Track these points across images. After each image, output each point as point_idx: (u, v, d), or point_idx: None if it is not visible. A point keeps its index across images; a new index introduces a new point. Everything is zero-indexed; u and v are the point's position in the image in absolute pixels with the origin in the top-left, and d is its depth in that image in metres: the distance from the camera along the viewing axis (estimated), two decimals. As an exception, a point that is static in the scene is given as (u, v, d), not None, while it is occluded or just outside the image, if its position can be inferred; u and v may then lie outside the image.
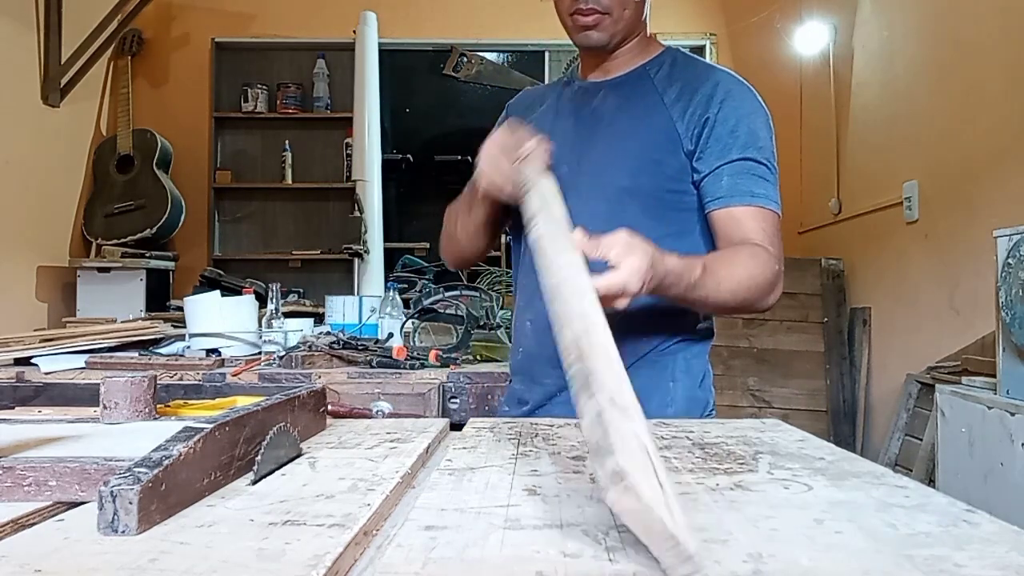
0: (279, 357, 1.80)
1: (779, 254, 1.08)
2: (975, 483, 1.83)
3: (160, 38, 4.29)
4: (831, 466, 0.66)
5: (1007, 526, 0.48)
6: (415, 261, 3.56)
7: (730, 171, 1.08)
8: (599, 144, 1.17)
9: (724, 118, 1.09)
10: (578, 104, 1.23)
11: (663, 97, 1.14)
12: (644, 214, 1.11)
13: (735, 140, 1.09)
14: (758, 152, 1.09)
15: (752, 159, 1.09)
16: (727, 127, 1.09)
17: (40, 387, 0.99)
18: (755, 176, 1.09)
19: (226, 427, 0.60)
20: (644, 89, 1.17)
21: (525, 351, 1.23)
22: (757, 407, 3.38)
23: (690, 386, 1.14)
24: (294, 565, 0.41)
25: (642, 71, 1.19)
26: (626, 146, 1.14)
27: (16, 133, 3.36)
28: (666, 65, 1.18)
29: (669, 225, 1.12)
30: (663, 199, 1.12)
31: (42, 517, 0.52)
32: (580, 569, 0.41)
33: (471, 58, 4.27)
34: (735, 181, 1.08)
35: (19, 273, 3.42)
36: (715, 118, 1.09)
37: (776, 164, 1.12)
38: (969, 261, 2.51)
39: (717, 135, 1.09)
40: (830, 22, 3.70)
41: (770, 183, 1.10)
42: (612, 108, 1.18)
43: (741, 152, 1.09)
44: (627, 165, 1.13)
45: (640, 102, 1.16)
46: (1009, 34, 2.34)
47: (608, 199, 1.13)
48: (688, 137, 1.10)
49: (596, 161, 1.16)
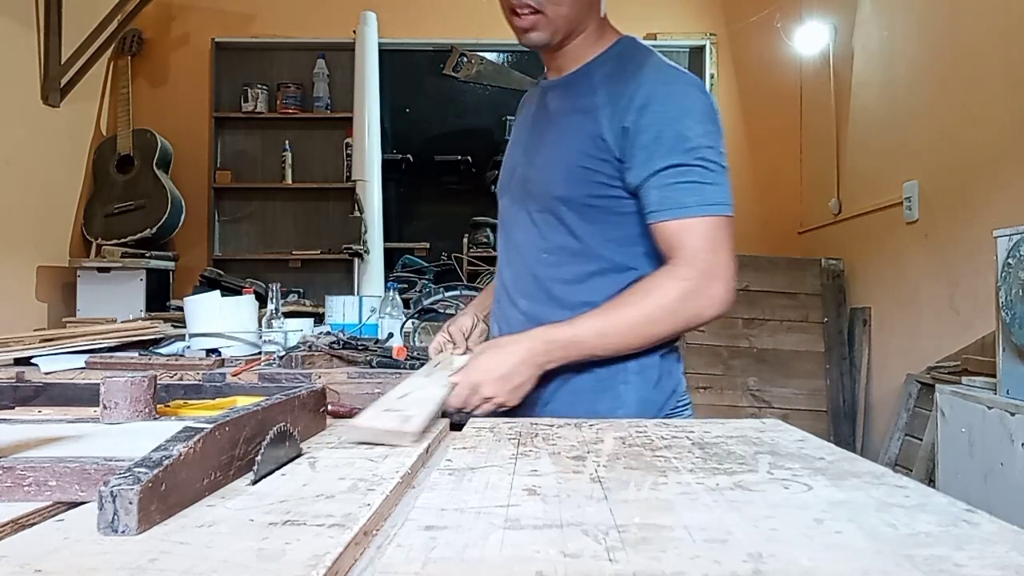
0: (279, 357, 1.80)
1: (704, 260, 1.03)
2: (975, 483, 1.83)
3: (160, 38, 4.29)
4: (831, 466, 0.66)
5: (1007, 526, 0.48)
6: (415, 261, 3.57)
7: (657, 183, 1.04)
8: (542, 149, 1.17)
9: (646, 126, 1.04)
10: (537, 105, 1.24)
11: (595, 98, 1.11)
12: (582, 221, 1.11)
13: (659, 147, 1.04)
14: (687, 155, 1.03)
15: (680, 164, 1.03)
16: (650, 135, 1.04)
17: (40, 387, 0.99)
18: (685, 183, 1.03)
19: (226, 427, 0.60)
20: (585, 89, 1.14)
21: None
22: (757, 407, 3.38)
23: (642, 387, 1.12)
24: (294, 565, 0.41)
25: (587, 69, 1.16)
26: (560, 154, 1.12)
27: (16, 133, 3.36)
28: (611, 62, 1.15)
29: (610, 230, 1.11)
30: (599, 206, 1.10)
31: (42, 517, 0.52)
32: (580, 569, 0.41)
33: (471, 58, 4.27)
34: (663, 194, 1.04)
35: (19, 273, 3.42)
36: (635, 127, 1.05)
37: (717, 157, 1.06)
38: (969, 261, 2.51)
39: (641, 144, 1.05)
40: (830, 22, 3.70)
41: (707, 184, 1.04)
42: (556, 110, 1.17)
43: (666, 159, 1.03)
44: (560, 174, 1.11)
45: (576, 104, 1.14)
46: (1009, 34, 2.34)
47: (546, 207, 1.14)
48: (614, 144, 1.07)
49: (538, 167, 1.16)
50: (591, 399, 1.11)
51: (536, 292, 1.16)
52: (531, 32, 1.12)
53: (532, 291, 1.17)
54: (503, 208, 1.26)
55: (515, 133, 1.31)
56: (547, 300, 1.14)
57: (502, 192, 1.27)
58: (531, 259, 1.17)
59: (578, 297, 1.12)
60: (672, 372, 1.16)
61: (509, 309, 1.21)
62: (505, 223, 1.25)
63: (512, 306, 1.20)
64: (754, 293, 3.45)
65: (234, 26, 4.29)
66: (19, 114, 3.40)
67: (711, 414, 3.36)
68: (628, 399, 1.11)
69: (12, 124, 3.33)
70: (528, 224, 1.17)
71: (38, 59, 3.52)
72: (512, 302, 1.20)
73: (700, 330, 2.96)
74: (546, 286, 1.15)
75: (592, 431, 0.83)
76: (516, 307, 1.19)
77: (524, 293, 1.18)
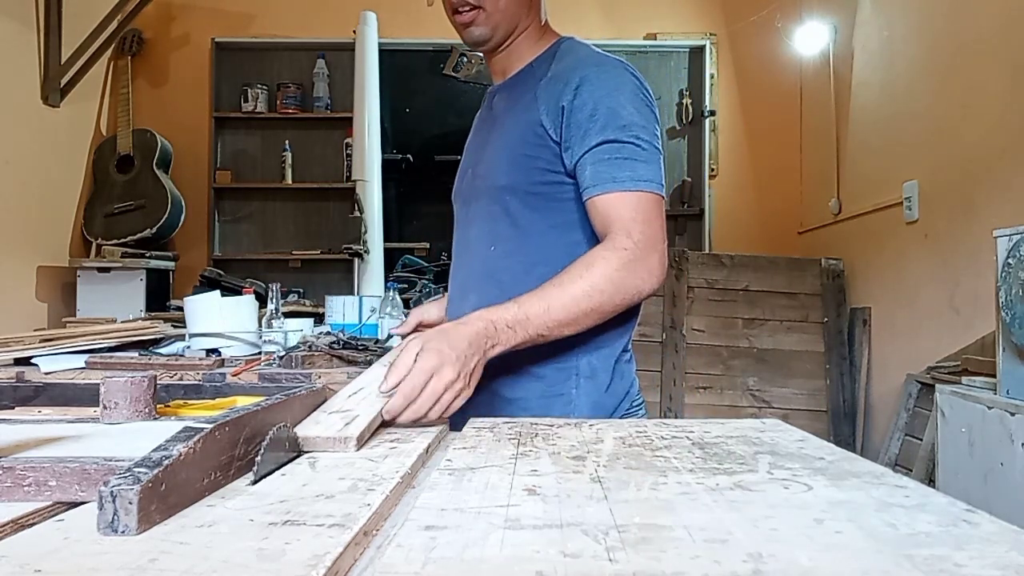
0: (279, 357, 1.80)
1: (639, 233, 1.03)
2: (975, 483, 1.83)
3: (160, 38, 4.29)
4: (831, 466, 0.66)
5: (1007, 526, 0.48)
6: (415, 261, 3.57)
7: (592, 159, 1.06)
8: (488, 148, 1.19)
9: (581, 104, 1.07)
10: (485, 109, 1.28)
11: (536, 91, 1.13)
12: (525, 209, 1.13)
13: (593, 123, 1.06)
14: (620, 131, 1.05)
15: (613, 140, 1.05)
16: (585, 112, 1.06)
17: (40, 387, 0.99)
18: (618, 159, 1.05)
19: (226, 427, 0.60)
20: (527, 87, 1.16)
21: None
22: (757, 407, 3.39)
23: (593, 391, 1.12)
24: (294, 565, 0.41)
25: (529, 68, 1.19)
26: (503, 145, 1.15)
27: (16, 133, 3.36)
28: (551, 59, 1.17)
29: (552, 216, 1.13)
30: (541, 193, 1.12)
31: (42, 517, 0.52)
32: (580, 569, 0.41)
33: (471, 58, 4.27)
34: (597, 169, 1.05)
35: (19, 273, 3.42)
36: (571, 105, 1.07)
37: (650, 138, 1.08)
38: (969, 261, 2.51)
39: (577, 122, 1.07)
40: (830, 22, 3.70)
41: (639, 161, 1.05)
42: (502, 111, 1.20)
43: (600, 135, 1.05)
44: (503, 164, 1.14)
45: (520, 99, 1.16)
46: (1009, 34, 2.34)
47: (492, 200, 1.15)
48: (553, 128, 1.09)
49: (485, 163, 1.18)
50: (543, 404, 1.12)
51: (485, 285, 1.16)
52: (472, 27, 1.15)
53: (481, 285, 1.17)
54: (457, 212, 1.29)
55: (467, 143, 1.34)
56: (497, 293, 1.11)
57: (456, 198, 1.30)
58: (481, 254, 1.19)
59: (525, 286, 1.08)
60: (624, 374, 1.16)
61: (460, 305, 1.20)
62: (460, 225, 1.27)
63: (463, 301, 1.19)
64: (754, 293, 3.45)
65: (234, 26, 4.29)
66: (19, 114, 3.40)
67: (711, 414, 3.36)
68: (580, 403, 1.11)
69: (12, 124, 3.33)
70: (478, 220, 1.20)
71: (38, 59, 3.52)
72: (463, 298, 1.20)
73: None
74: (496, 278, 1.15)
75: (592, 431, 0.83)
76: (467, 302, 1.18)
77: (474, 288, 1.19)
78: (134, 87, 4.10)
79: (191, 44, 4.30)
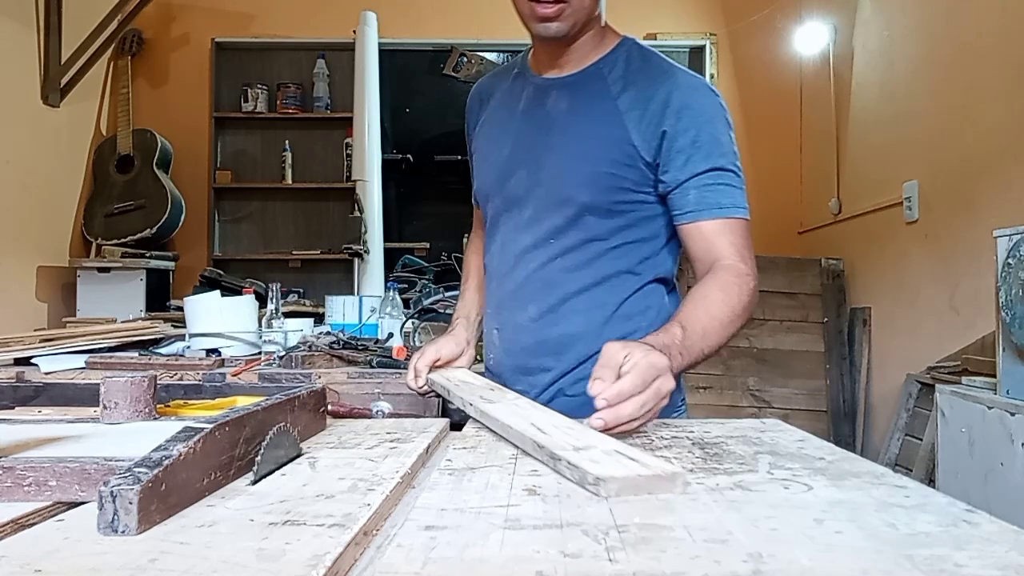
0: (279, 357, 1.80)
1: (750, 261, 1.07)
2: (975, 483, 1.83)
3: (160, 38, 4.29)
4: (831, 466, 0.66)
5: (1007, 526, 0.48)
6: (415, 261, 3.56)
7: (696, 184, 1.07)
8: (554, 152, 1.14)
9: (684, 129, 1.07)
10: (531, 103, 1.19)
11: (617, 103, 1.11)
12: (604, 226, 1.12)
13: (697, 151, 1.07)
14: (722, 159, 1.08)
15: (717, 168, 1.07)
16: (688, 138, 1.07)
17: (40, 387, 0.98)
18: (721, 185, 1.07)
19: (226, 427, 0.60)
20: (597, 91, 1.13)
21: (495, 359, 1.24)
22: (757, 407, 3.38)
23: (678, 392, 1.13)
24: (294, 565, 0.41)
25: (596, 69, 1.15)
26: (581, 158, 1.11)
27: (16, 133, 3.36)
28: (620, 62, 1.14)
29: (628, 234, 1.12)
30: (621, 211, 1.11)
31: (42, 517, 0.52)
32: (580, 569, 0.41)
33: (471, 58, 4.27)
34: (702, 194, 1.07)
35: (19, 273, 3.42)
36: (673, 130, 1.07)
37: (739, 164, 1.11)
38: (969, 261, 2.51)
39: (679, 147, 1.07)
40: (830, 22, 3.70)
41: (737, 188, 1.09)
42: (565, 111, 1.15)
43: (705, 163, 1.07)
44: (583, 179, 1.11)
45: (593, 106, 1.13)
46: (1009, 34, 2.34)
47: (563, 211, 1.12)
48: (646, 149, 1.08)
49: (552, 171, 1.13)
50: None
51: (547, 297, 1.15)
52: (553, 21, 1.08)
53: (541, 296, 1.15)
54: (495, 210, 1.23)
55: (495, 128, 1.25)
56: (559, 304, 1.14)
57: (493, 193, 1.23)
58: (539, 263, 1.15)
59: (592, 300, 1.12)
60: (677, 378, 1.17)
61: (516, 315, 1.18)
62: (503, 228, 1.21)
63: (520, 311, 1.17)
64: (754, 293, 3.44)
65: (234, 26, 4.29)
66: (19, 114, 3.40)
67: (711, 414, 3.36)
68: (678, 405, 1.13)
69: (12, 124, 3.33)
70: (535, 228, 1.15)
71: (38, 59, 3.52)
72: (520, 307, 1.18)
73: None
74: (558, 290, 1.14)
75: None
76: (524, 312, 1.17)
77: (533, 298, 1.16)
78: (134, 87, 4.10)
79: (191, 44, 4.30)
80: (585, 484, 0.57)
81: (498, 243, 1.23)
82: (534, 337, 1.15)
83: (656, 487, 0.56)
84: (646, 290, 1.15)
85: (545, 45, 1.17)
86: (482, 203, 1.28)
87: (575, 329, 1.13)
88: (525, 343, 1.17)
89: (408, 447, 0.75)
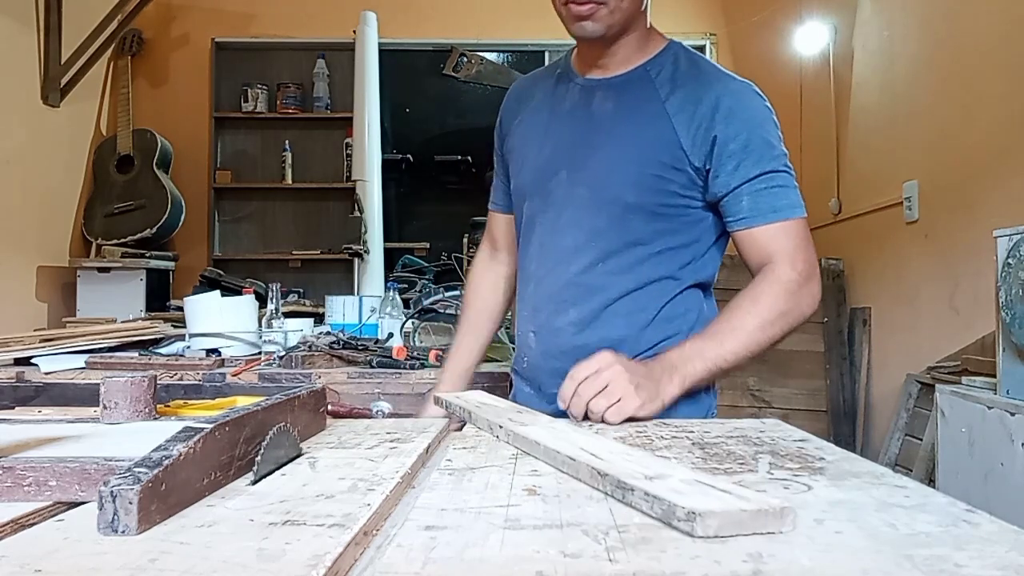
0: (279, 357, 1.80)
1: (803, 262, 1.07)
2: (975, 483, 1.83)
3: (160, 38, 4.29)
4: (831, 466, 0.66)
5: (1007, 526, 0.48)
6: (415, 261, 3.56)
7: (749, 190, 1.07)
8: (599, 153, 1.12)
9: (734, 133, 1.06)
10: (575, 104, 1.18)
11: (665, 105, 1.10)
12: (648, 229, 1.11)
13: (748, 155, 1.06)
14: (774, 161, 1.08)
15: (770, 171, 1.07)
16: (739, 143, 1.06)
17: (40, 387, 0.99)
18: (775, 188, 1.07)
19: (226, 427, 0.60)
20: (645, 93, 1.12)
21: (531, 362, 1.22)
22: (757, 407, 3.38)
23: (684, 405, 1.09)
24: (294, 565, 0.41)
25: (643, 71, 1.14)
26: (628, 159, 1.10)
27: (16, 133, 3.36)
28: (668, 65, 1.13)
29: (673, 238, 1.12)
30: (668, 214, 1.10)
31: (42, 517, 0.52)
32: (580, 569, 0.41)
33: (471, 58, 4.27)
34: (755, 200, 1.07)
35: (19, 273, 3.42)
36: (724, 135, 1.06)
37: (790, 163, 1.11)
38: (969, 261, 2.51)
39: (730, 152, 1.06)
40: (830, 22, 3.70)
41: (791, 188, 1.09)
42: (611, 112, 1.13)
43: (757, 167, 1.06)
44: (629, 180, 1.10)
45: (641, 108, 1.11)
46: (1009, 34, 2.34)
47: (611, 216, 1.11)
48: (695, 153, 1.07)
49: (596, 172, 1.12)
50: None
51: (588, 301, 1.13)
52: (587, 21, 1.07)
53: (584, 300, 1.14)
54: (533, 210, 1.20)
55: (535, 128, 1.23)
56: (601, 309, 1.13)
57: (531, 193, 1.20)
58: (580, 266, 1.14)
59: (634, 304, 1.12)
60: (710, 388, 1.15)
61: (555, 319, 1.16)
62: (539, 228, 1.19)
63: (559, 315, 1.16)
64: (754, 293, 3.44)
65: (234, 26, 4.29)
66: (19, 114, 3.40)
67: (711, 414, 3.35)
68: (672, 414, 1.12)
69: (12, 124, 3.33)
70: (575, 230, 1.14)
71: (38, 59, 3.52)
72: (559, 312, 1.16)
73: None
74: (601, 294, 1.13)
75: (592, 431, 0.83)
76: (565, 316, 1.15)
77: (575, 303, 1.14)
78: (134, 87, 4.10)
79: (191, 44, 4.30)
80: (672, 520, 0.49)
81: (535, 245, 1.20)
82: (575, 341, 1.13)
83: (762, 524, 0.48)
84: (685, 294, 1.14)
85: (586, 45, 1.16)
86: (517, 204, 1.26)
87: (617, 334, 1.11)
88: (565, 347, 1.14)
89: (408, 447, 0.75)
